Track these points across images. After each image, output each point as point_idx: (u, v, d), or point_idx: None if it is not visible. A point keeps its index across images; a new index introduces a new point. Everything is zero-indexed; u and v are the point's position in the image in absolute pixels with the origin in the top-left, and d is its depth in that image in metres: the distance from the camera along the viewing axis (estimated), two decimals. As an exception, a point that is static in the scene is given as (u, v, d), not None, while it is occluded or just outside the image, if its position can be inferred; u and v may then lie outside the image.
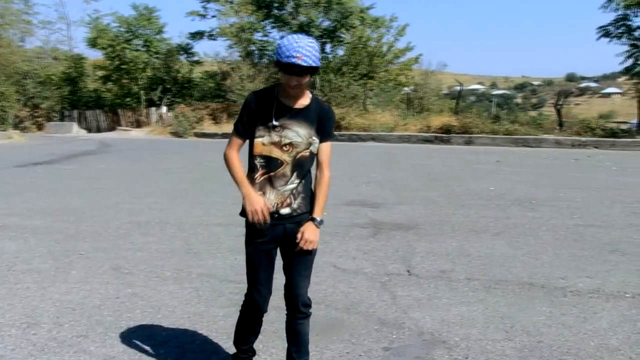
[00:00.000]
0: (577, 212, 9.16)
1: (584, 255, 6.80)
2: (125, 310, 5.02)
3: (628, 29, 23.81)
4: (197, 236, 7.64)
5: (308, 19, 29.26)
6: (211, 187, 11.87)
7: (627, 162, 16.53)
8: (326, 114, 3.43)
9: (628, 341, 4.45)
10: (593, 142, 20.54)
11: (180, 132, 28.45)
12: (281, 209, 3.37)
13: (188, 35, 36.82)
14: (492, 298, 5.36)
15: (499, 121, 23.53)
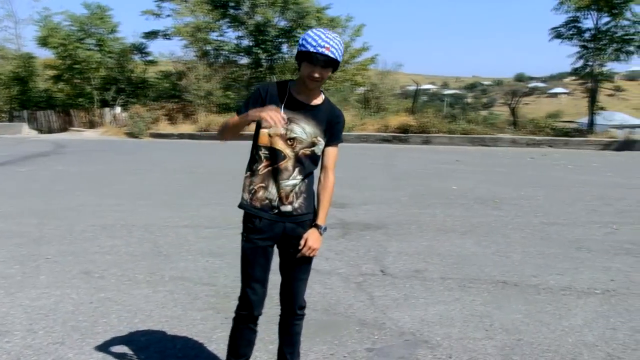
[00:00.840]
0: (540, 211, 9.31)
1: (551, 253, 6.92)
2: (101, 315, 4.93)
3: (578, 30, 24.31)
4: (166, 238, 7.55)
5: (264, 19, 29.13)
6: (173, 188, 11.74)
7: (581, 161, 16.89)
8: (337, 118, 3.40)
9: (603, 337, 4.54)
10: (547, 141, 20.93)
11: (136, 133, 28.04)
12: (282, 206, 3.30)
13: (142, 35, 36.31)
14: (468, 297, 5.42)
15: (456, 121, 23.80)
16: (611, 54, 24.00)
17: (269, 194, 3.30)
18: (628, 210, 9.34)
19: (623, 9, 23.17)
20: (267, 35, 29.07)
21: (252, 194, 3.34)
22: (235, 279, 5.82)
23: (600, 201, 10.12)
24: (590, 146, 20.22)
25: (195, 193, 11.06)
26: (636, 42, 23.57)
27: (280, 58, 30.56)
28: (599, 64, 24.02)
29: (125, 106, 33.62)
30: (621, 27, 23.76)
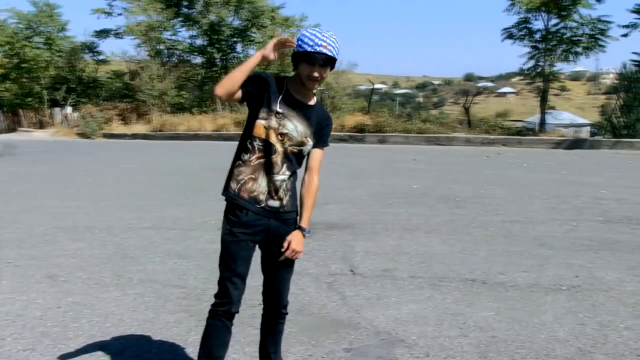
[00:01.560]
0: (500, 209, 9.46)
1: (516, 250, 7.03)
2: (71, 320, 4.83)
3: (529, 31, 24.79)
4: (129, 240, 7.43)
5: (218, 18, 28.96)
6: (132, 189, 11.59)
7: (535, 159, 17.19)
8: (327, 121, 3.41)
9: (574, 332, 4.63)
10: (501, 140, 21.27)
11: (88, 133, 27.58)
12: (270, 200, 3.27)
13: (93, 33, 35.70)
14: (439, 295, 5.47)
15: (411, 120, 24.02)
16: (560, 54, 24.53)
17: (258, 187, 3.25)
18: (584, 207, 9.54)
19: (571, 11, 23.72)
20: (222, 35, 28.89)
21: (241, 185, 3.26)
22: (205, 280, 5.82)
23: (557, 199, 10.33)
24: (542, 145, 20.62)
25: (155, 194, 10.93)
26: (583, 44, 24.13)
27: (235, 57, 30.38)
28: (549, 64, 24.50)
29: (76, 106, 33.03)
30: (569, 29, 24.31)
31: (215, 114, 26.76)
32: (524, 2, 23.49)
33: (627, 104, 22.04)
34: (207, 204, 9.81)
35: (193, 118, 26.36)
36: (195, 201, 10.11)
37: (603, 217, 8.81)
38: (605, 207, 9.59)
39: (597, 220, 8.62)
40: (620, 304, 5.28)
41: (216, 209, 9.21)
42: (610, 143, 19.85)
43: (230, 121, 25.15)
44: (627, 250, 7.02)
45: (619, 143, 19.72)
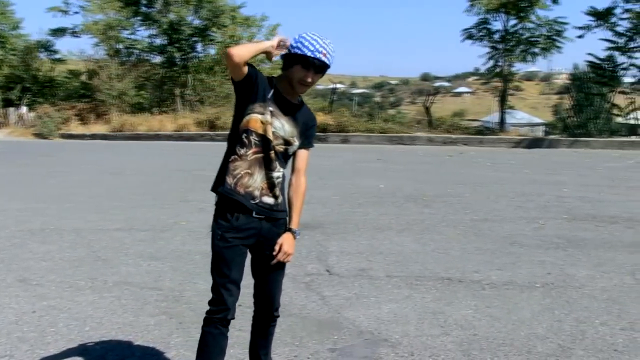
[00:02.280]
0: (468, 208, 9.56)
1: (488, 248, 7.12)
2: (48, 325, 4.74)
3: (489, 32, 25.10)
4: (100, 242, 7.33)
5: (178, 17, 28.68)
6: (97, 190, 11.42)
7: (497, 158, 17.40)
8: (312, 121, 3.41)
9: (552, 329, 4.71)
10: (463, 139, 21.49)
11: (45, 134, 27.03)
12: (264, 197, 3.23)
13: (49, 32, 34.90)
14: (418, 294, 5.51)
15: (373, 120, 24.12)
16: (519, 54, 24.89)
17: (254, 182, 3.19)
18: (549, 206, 9.70)
19: (528, 13, 24.09)
20: (182, 34, 28.63)
21: (237, 179, 3.19)
22: (181, 282, 5.79)
23: (523, 197, 10.48)
24: (503, 144, 20.89)
25: (121, 195, 10.79)
26: (541, 44, 24.54)
27: (195, 57, 30.14)
28: (508, 65, 24.85)
29: (31, 106, 32.31)
30: (527, 30, 24.69)
31: (176, 114, 26.52)
32: (483, 3, 23.81)
33: (578, 103, 22.44)
34: (175, 205, 9.73)
35: (153, 118, 26.07)
36: (163, 202, 10.01)
37: (568, 215, 8.97)
38: (569, 205, 9.76)
39: (562, 218, 8.77)
40: (593, 300, 5.39)
41: (185, 210, 9.22)
42: (568, 142, 20.22)
43: (192, 121, 24.94)
44: (593, 248, 7.15)
45: (576, 142, 20.10)
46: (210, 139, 23.10)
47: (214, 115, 24.46)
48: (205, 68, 29.90)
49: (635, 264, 6.51)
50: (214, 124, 24.25)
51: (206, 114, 24.98)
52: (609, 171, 14.34)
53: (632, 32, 23.27)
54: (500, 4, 23.46)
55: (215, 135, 23.41)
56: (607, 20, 23.45)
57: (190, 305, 5.17)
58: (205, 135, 23.51)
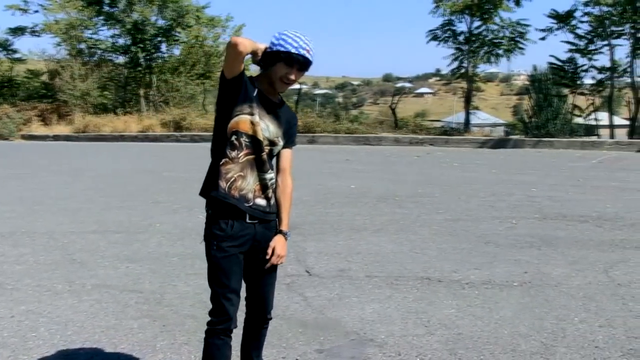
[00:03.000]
0: (440, 208, 9.64)
1: (464, 248, 7.19)
2: (28, 330, 4.66)
3: (453, 33, 25.36)
4: (74, 245, 7.23)
5: (142, 17, 28.39)
6: (65, 192, 11.25)
7: (464, 159, 17.59)
8: (294, 119, 3.38)
9: (534, 327, 4.77)
10: (429, 139, 21.66)
11: (5, 135, 26.51)
12: (257, 199, 3.18)
13: (7, 31, 34.21)
14: (399, 294, 5.54)
15: (339, 120, 24.20)
16: (483, 56, 25.21)
17: (247, 184, 3.15)
18: (520, 205, 9.83)
19: (492, 15, 24.42)
20: (146, 34, 28.35)
21: (231, 183, 3.13)
22: (161, 284, 5.74)
23: (493, 197, 10.61)
24: (468, 144, 21.12)
25: (90, 197, 10.64)
26: (504, 46, 24.88)
27: (160, 57, 29.86)
28: (473, 66, 25.13)
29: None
30: (491, 31, 25.02)
31: (141, 115, 26.26)
32: (448, 5, 24.06)
33: (538, 104, 22.77)
34: (147, 207, 9.64)
35: (118, 119, 25.76)
36: (133, 204, 9.90)
37: (539, 214, 9.10)
38: (538, 204, 9.91)
39: (534, 217, 8.90)
40: (570, 298, 5.47)
41: (158, 212, 9.14)
42: (532, 142, 20.52)
43: (157, 122, 24.72)
44: (566, 246, 7.27)
45: (540, 142, 20.41)
46: (176, 140, 22.96)
47: (179, 116, 24.29)
48: (169, 68, 29.65)
49: (607, 262, 6.62)
50: (179, 124, 24.08)
51: (172, 114, 24.78)
52: (573, 171, 14.60)
53: (591, 34, 23.76)
54: (465, 6, 23.74)
55: (181, 136, 23.27)
56: (568, 22, 23.93)
57: (172, 308, 5.13)
58: (171, 136, 23.34)
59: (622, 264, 6.53)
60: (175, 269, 6.25)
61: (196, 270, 6.19)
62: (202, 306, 5.17)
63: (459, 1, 23.93)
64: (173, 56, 30.48)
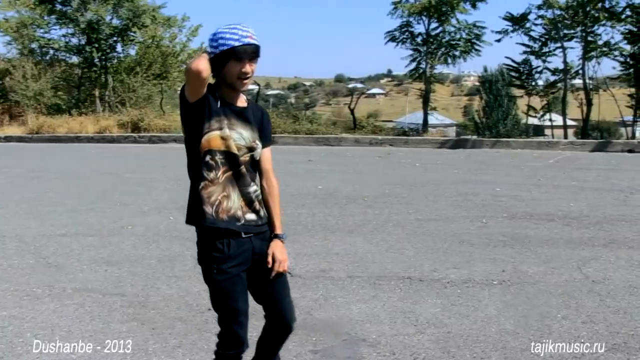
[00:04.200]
0: (410, 208, 9.73)
1: (439, 247, 7.27)
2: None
3: (411, 35, 25.55)
4: (47, 249, 7.09)
5: (97, 17, 27.90)
6: (28, 195, 10.98)
7: (425, 159, 17.73)
8: (266, 117, 3.25)
9: (520, 324, 4.87)
10: (389, 140, 21.79)
11: (-45, 136, 25.82)
12: (247, 214, 3.08)
13: (-48, 28, 33.30)
14: (383, 294, 5.59)
15: (299, 121, 24.20)
16: (440, 57, 25.48)
17: (233, 203, 3.04)
18: (487, 205, 9.98)
19: (449, 16, 24.70)
20: (101, 34, 27.88)
21: (217, 206, 3.01)
22: (143, 287, 5.69)
23: (459, 197, 10.74)
24: (428, 145, 21.29)
25: (55, 200, 10.42)
26: (461, 47, 25.18)
27: (115, 57, 29.40)
28: (430, 67, 25.38)
29: None
30: (448, 33, 25.30)
31: (97, 116, 25.81)
32: (406, 7, 24.24)
33: (489, 105, 23.09)
34: (115, 209, 9.49)
35: (73, 120, 25.22)
36: (101, 206, 9.74)
37: (507, 213, 9.25)
38: (505, 204, 10.07)
39: (502, 216, 9.04)
40: (550, 295, 5.59)
41: (127, 214, 9.03)
42: (490, 143, 20.80)
43: (114, 123, 24.31)
44: (538, 245, 7.41)
45: (498, 143, 20.71)
46: (134, 141, 22.65)
47: (137, 117, 23.95)
48: (125, 69, 29.21)
49: (579, 259, 6.78)
50: (137, 125, 23.74)
51: (129, 115, 24.41)
52: (533, 170, 14.87)
53: (545, 37, 24.22)
54: (423, 8, 23.95)
55: (139, 137, 22.96)
56: (522, 25, 24.31)
57: (159, 311, 5.09)
58: (129, 137, 23.00)
59: (594, 262, 6.69)
60: (155, 271, 6.18)
61: (176, 273, 6.15)
62: (187, 309, 5.17)
63: (417, 3, 24.15)
64: (129, 56, 30.03)
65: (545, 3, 23.34)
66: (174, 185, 12.00)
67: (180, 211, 9.04)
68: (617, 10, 22.87)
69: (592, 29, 23.30)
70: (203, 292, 5.52)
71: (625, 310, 5.21)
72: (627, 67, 23.28)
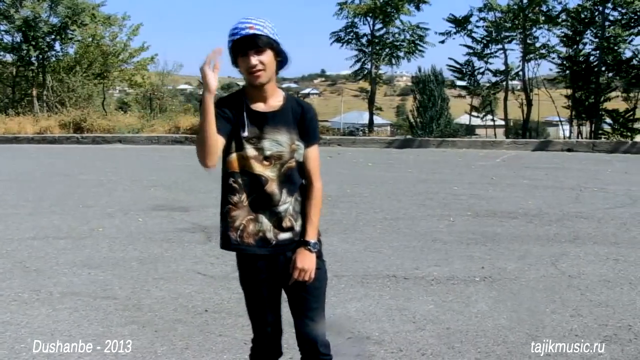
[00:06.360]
0: (375, 207, 9.85)
1: (415, 246, 7.39)
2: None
3: (356, 35, 25.78)
4: (21, 252, 6.90)
5: (34, 14, 27.16)
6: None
7: (375, 159, 17.92)
8: (307, 113, 2.96)
9: (513, 319, 5.02)
10: (336, 140, 21.92)
11: None
12: (280, 235, 2.91)
13: None
14: (374, 292, 5.66)
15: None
16: (384, 58, 25.78)
17: (262, 226, 2.89)
18: (449, 203, 10.18)
19: (393, 18, 25.03)
20: (38, 32, 27.12)
21: (241, 231, 2.89)
22: (133, 290, 5.64)
23: (421, 196, 10.92)
24: (375, 144, 21.52)
25: (12, 202, 10.11)
26: (405, 48, 25.55)
27: (53, 56, 28.63)
28: (375, 67, 25.67)
29: None
30: (392, 34, 25.63)
31: (36, 116, 25.11)
32: (352, 8, 24.45)
33: (422, 105, 23.45)
34: (79, 211, 9.28)
35: (11, 120, 24.47)
36: (62, 209, 9.51)
37: (470, 212, 9.46)
38: (466, 202, 10.30)
39: (467, 215, 9.24)
40: (534, 291, 5.77)
41: (93, 216, 8.88)
42: (436, 142, 21.18)
43: (55, 123, 23.66)
44: (508, 242, 7.61)
45: (444, 142, 21.12)
46: (77, 142, 22.17)
47: (79, 117, 23.39)
48: (64, 68, 28.53)
49: (551, 255, 7.00)
50: (80, 126, 23.20)
51: (71, 115, 23.81)
52: (483, 169, 15.23)
53: (487, 39, 24.81)
54: (368, 9, 24.20)
55: (82, 137, 22.47)
56: (465, 27, 24.87)
57: (156, 313, 5.03)
58: (72, 137, 22.47)
59: (564, 257, 6.92)
60: (139, 274, 6.10)
61: (161, 275, 6.10)
62: (184, 310, 5.14)
63: (363, 4, 24.39)
64: (68, 55, 29.31)
65: (486, 6, 23.93)
66: (132, 186, 11.85)
67: (146, 212, 8.97)
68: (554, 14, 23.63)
69: (530, 31, 24.00)
70: (195, 294, 5.56)
71: (607, 304, 5.42)
72: (564, 69, 24.05)
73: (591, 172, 14.67)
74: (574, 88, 23.48)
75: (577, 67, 23.29)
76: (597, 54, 22.96)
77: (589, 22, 23.05)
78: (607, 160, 17.50)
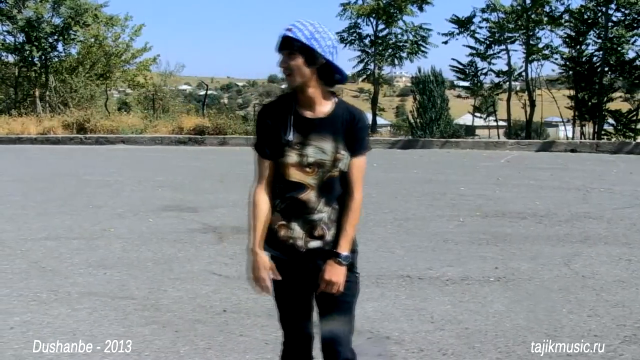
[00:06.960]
0: (384, 208, 9.85)
1: (426, 246, 7.41)
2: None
3: (359, 36, 25.86)
4: (35, 253, 6.91)
5: (36, 14, 27.17)
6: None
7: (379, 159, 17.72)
8: (357, 121, 2.86)
9: (530, 319, 5.03)
10: (339, 140, 21.95)
11: None
12: (310, 243, 2.87)
13: None
14: (390, 292, 5.68)
15: (249, 122, 24.18)
16: (387, 58, 25.85)
17: (293, 232, 2.86)
18: (458, 204, 10.20)
19: (396, 19, 25.11)
20: (41, 32, 27.14)
21: (274, 234, 2.88)
22: (150, 290, 5.65)
23: (428, 197, 10.94)
24: (379, 145, 21.50)
25: (21, 203, 10.13)
26: (408, 49, 25.63)
27: (56, 57, 28.68)
28: (378, 68, 25.73)
29: None
30: (395, 35, 25.71)
31: (39, 117, 25.12)
32: (355, 9, 24.51)
33: (422, 105, 23.48)
34: (88, 212, 9.31)
35: (14, 121, 24.49)
36: (72, 209, 9.52)
37: (480, 212, 9.48)
38: (474, 203, 10.31)
39: (476, 215, 9.26)
40: (549, 291, 5.78)
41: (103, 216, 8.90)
42: (440, 143, 21.22)
43: (58, 124, 23.70)
44: (519, 242, 7.62)
45: (447, 143, 21.16)
46: (81, 142, 22.21)
47: (83, 118, 23.40)
48: (67, 68, 28.57)
49: (563, 255, 7.01)
50: (83, 126, 23.22)
51: (74, 116, 23.83)
52: (488, 170, 15.25)
53: (489, 40, 24.87)
54: (371, 10, 24.27)
55: (86, 138, 22.50)
56: (467, 28, 24.92)
57: (175, 313, 5.05)
58: (75, 138, 22.49)
59: (577, 258, 6.93)
60: (155, 274, 6.12)
61: (177, 275, 6.11)
62: (203, 311, 5.15)
63: (366, 5, 24.45)
64: (71, 55, 29.35)
65: (489, 6, 23.97)
66: (139, 186, 11.86)
67: (156, 213, 8.99)
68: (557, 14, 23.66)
69: (533, 32, 24.03)
70: (212, 294, 5.56)
71: (623, 304, 5.43)
72: (567, 69, 24.08)
73: (596, 172, 14.69)
74: (577, 89, 23.53)
75: (580, 68, 23.33)
76: (600, 54, 23.01)
77: (592, 23, 23.10)
78: (611, 161, 17.54)
